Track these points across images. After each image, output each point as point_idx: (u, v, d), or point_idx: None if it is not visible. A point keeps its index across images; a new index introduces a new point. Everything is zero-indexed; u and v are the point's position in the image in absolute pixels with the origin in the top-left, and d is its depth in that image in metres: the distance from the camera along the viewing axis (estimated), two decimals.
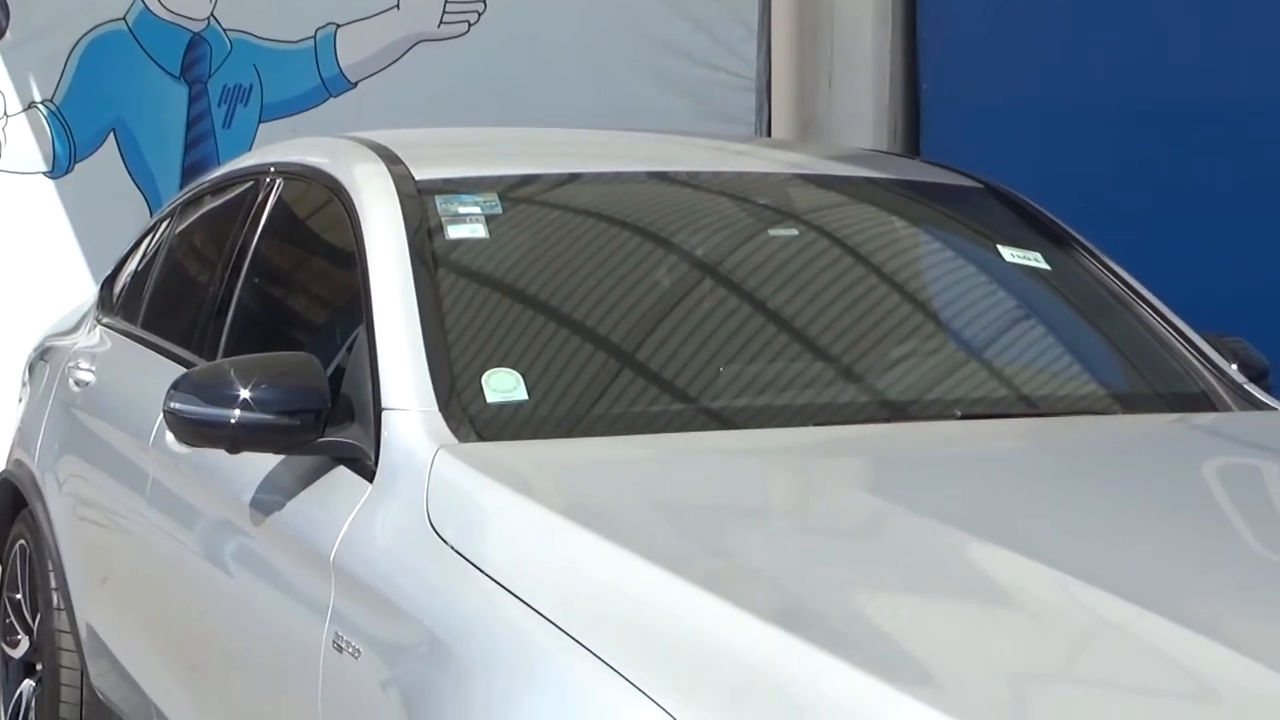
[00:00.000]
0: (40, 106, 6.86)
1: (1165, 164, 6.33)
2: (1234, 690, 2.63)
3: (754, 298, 3.98)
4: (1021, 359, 4.09)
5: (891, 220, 4.35)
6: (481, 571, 3.02)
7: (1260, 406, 4.04)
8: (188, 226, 5.03)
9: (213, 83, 6.93)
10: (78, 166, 6.90)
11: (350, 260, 3.82)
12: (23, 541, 5.18)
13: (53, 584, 4.89)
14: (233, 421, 3.47)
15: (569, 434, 3.52)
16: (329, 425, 3.50)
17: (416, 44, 6.98)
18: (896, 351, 3.98)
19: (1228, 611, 2.88)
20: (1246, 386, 4.08)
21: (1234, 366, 4.13)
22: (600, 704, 2.66)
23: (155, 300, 4.98)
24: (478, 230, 3.88)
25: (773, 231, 4.13)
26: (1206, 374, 4.07)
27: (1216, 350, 4.16)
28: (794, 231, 4.16)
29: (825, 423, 3.70)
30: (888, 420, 3.77)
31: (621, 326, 3.82)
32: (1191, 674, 2.69)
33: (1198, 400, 4.02)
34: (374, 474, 3.40)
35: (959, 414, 3.80)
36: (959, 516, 3.18)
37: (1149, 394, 4.10)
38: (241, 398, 3.47)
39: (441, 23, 6.98)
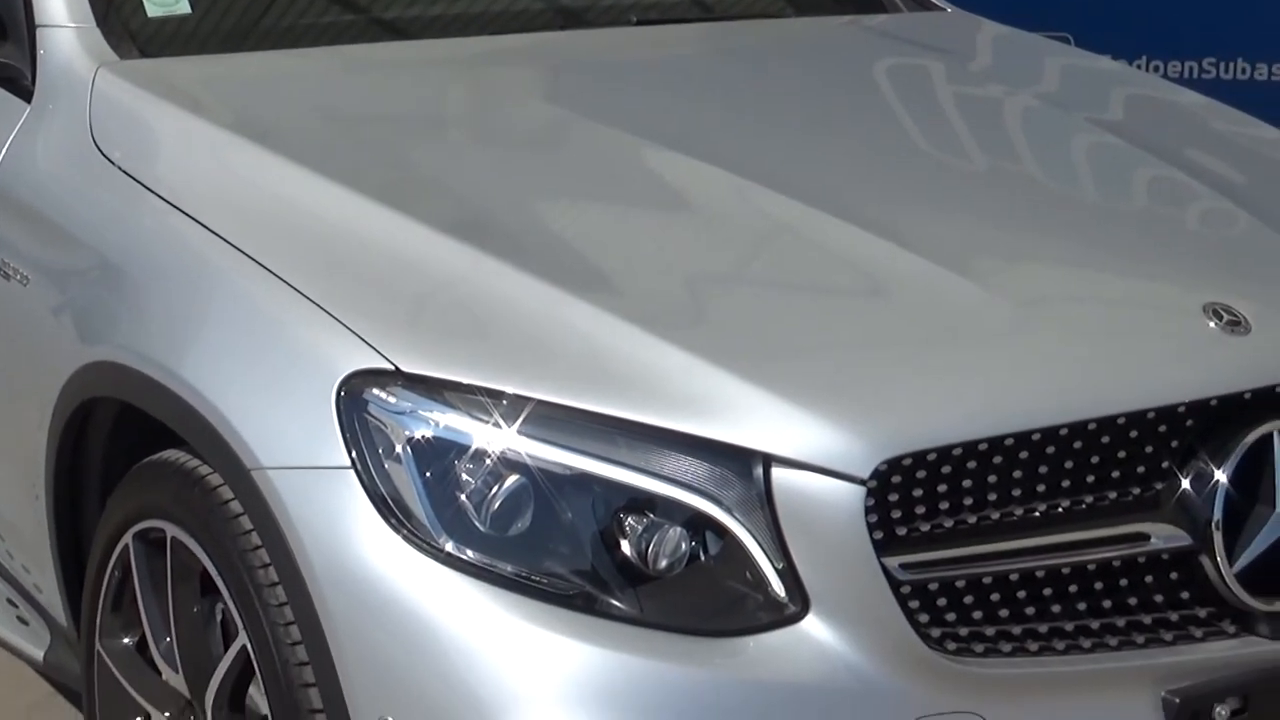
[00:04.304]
0: None
1: None
2: (902, 284, 2.71)
3: None
4: None
5: None
6: (152, 192, 2.94)
7: (929, 6, 4.09)
8: None
9: None
10: None
11: None
12: None
13: None
14: None
15: (235, 48, 3.41)
16: None
17: None
18: None
19: (896, 210, 2.95)
20: None
21: None
22: (279, 321, 2.64)
23: None
24: None
25: None
26: None
27: None
28: None
29: (499, 31, 3.65)
30: (563, 28, 3.74)
31: None
32: (862, 271, 2.76)
33: (869, 1, 4.05)
34: (31, 94, 3.26)
35: (634, 20, 3.78)
36: (636, 123, 3.19)
37: None
38: None
39: None
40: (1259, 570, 2.58)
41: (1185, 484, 2.57)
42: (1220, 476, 2.56)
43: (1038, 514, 2.50)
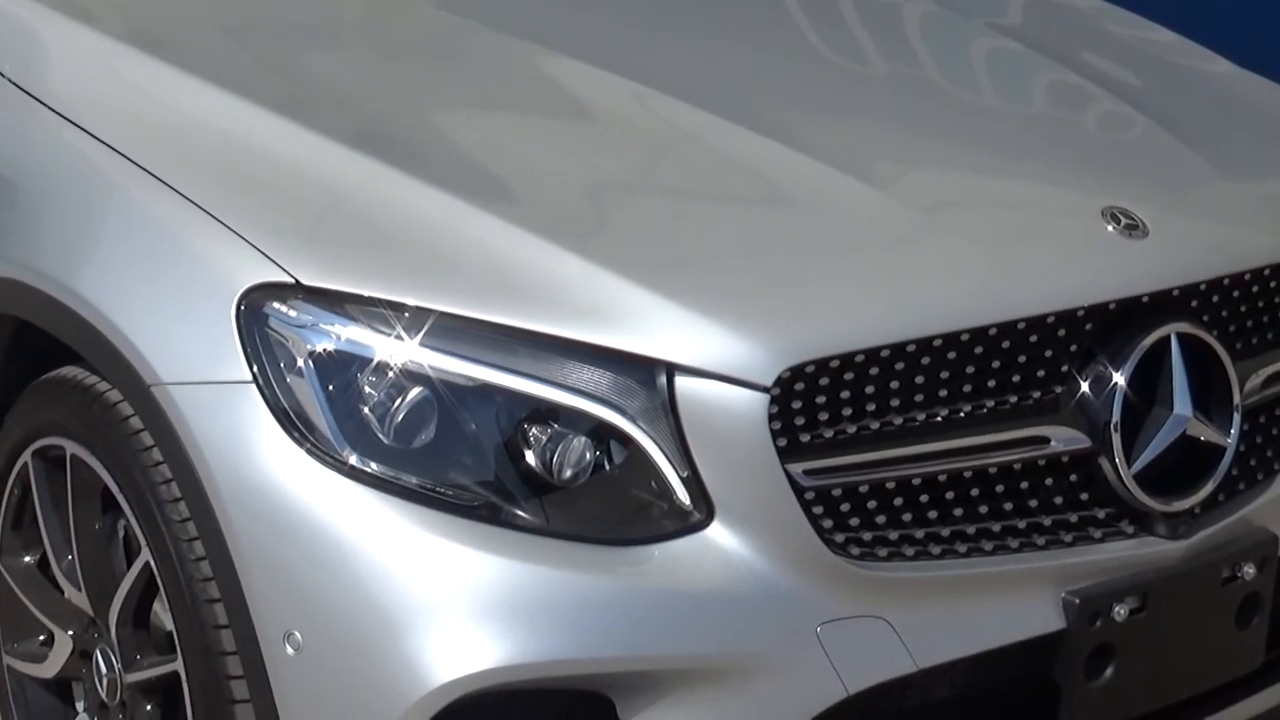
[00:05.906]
0: None
1: None
2: (802, 191, 2.71)
3: None
4: None
5: None
6: (43, 104, 2.89)
7: None
8: None
9: None
10: None
11: None
12: None
13: None
14: None
15: None
16: None
17: None
18: None
19: (796, 116, 2.95)
20: None
21: None
22: (176, 235, 2.61)
23: None
24: None
25: None
26: None
27: None
28: None
29: None
30: None
31: None
32: (763, 178, 2.76)
33: None
34: None
35: None
36: (535, 31, 3.16)
37: None
38: None
39: None
40: (1156, 471, 2.62)
41: (1084, 387, 2.59)
42: (1118, 379, 2.59)
43: (940, 419, 2.52)
